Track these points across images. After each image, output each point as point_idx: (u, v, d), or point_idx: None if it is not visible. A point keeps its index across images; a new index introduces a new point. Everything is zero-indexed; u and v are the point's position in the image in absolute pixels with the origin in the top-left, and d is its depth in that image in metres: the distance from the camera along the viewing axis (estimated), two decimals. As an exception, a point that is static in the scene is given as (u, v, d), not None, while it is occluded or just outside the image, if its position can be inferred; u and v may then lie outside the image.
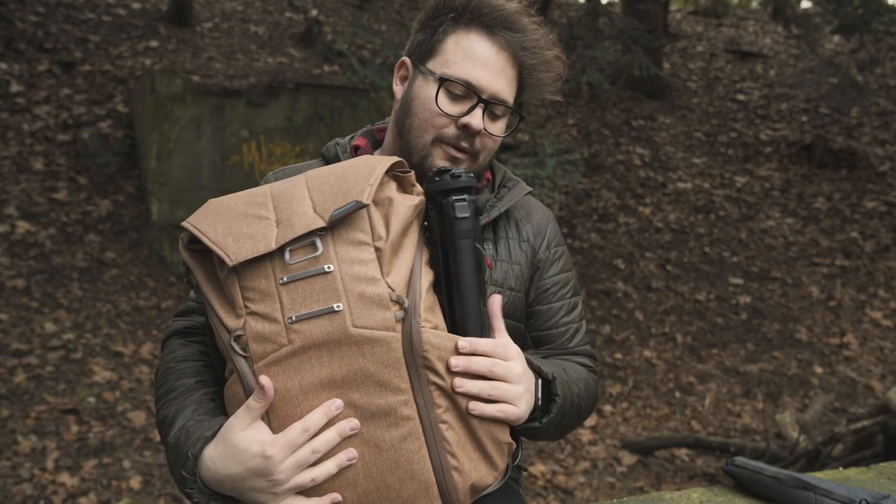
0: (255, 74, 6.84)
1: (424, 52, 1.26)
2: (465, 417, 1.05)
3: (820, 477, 1.37)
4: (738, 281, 6.52)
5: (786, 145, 8.69)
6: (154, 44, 7.32)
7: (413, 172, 1.12)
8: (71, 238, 5.34)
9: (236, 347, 1.02)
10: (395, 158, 1.10)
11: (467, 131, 1.23)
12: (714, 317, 6.08)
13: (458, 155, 1.24)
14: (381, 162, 1.08)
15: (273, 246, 1.01)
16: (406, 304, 1.02)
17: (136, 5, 8.00)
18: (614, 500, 1.33)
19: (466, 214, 1.09)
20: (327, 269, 1.01)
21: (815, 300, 6.36)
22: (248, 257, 1.01)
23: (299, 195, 1.05)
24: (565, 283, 1.39)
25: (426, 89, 1.24)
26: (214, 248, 1.02)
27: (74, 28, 7.23)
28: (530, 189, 1.39)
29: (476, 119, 1.22)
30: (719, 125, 9.09)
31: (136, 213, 5.73)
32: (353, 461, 1.01)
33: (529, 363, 1.17)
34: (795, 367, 5.55)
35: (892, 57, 10.35)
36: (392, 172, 1.10)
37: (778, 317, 6.12)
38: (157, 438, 3.96)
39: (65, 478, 3.61)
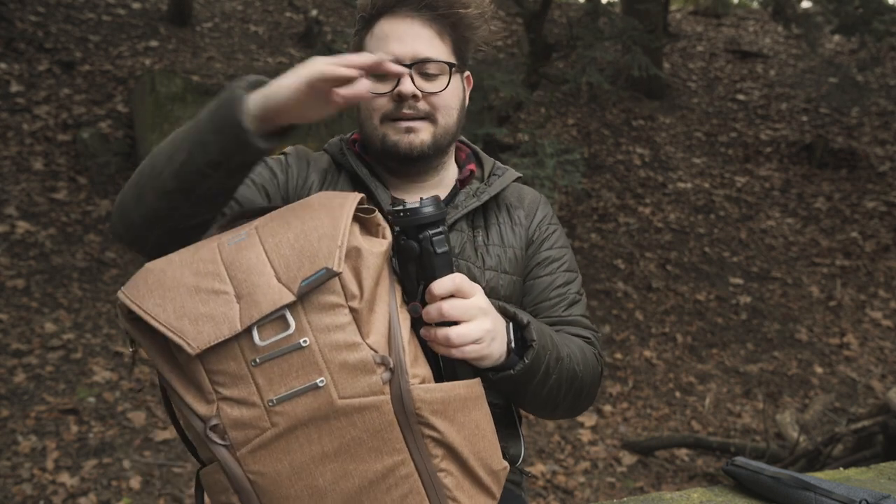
0: (255, 74, 6.83)
1: None
2: (460, 459, 1.02)
3: (820, 477, 1.37)
4: (738, 281, 6.52)
5: (786, 145, 8.69)
6: (154, 44, 7.32)
7: (377, 213, 1.06)
8: (71, 238, 5.34)
9: (214, 437, 0.95)
10: (356, 197, 1.05)
11: (402, 99, 1.25)
12: (714, 317, 6.08)
13: (410, 124, 1.26)
14: (343, 211, 1.00)
15: (239, 327, 0.93)
16: (391, 364, 0.97)
17: (136, 5, 8.00)
18: (614, 500, 1.33)
19: (445, 248, 1.05)
20: (303, 344, 0.94)
21: (815, 300, 6.36)
22: (212, 343, 0.92)
23: (257, 262, 0.96)
24: (557, 258, 1.38)
25: None
26: (170, 334, 0.93)
27: (74, 28, 7.23)
28: (520, 175, 1.41)
29: (405, 85, 1.24)
30: (719, 125, 9.09)
31: (136, 213, 5.73)
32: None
33: (503, 310, 1.15)
34: (795, 367, 5.55)
35: (892, 57, 10.35)
36: (354, 214, 1.02)
37: (778, 317, 6.12)
38: (158, 438, 3.96)
39: (65, 478, 3.61)
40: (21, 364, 4.29)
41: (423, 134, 1.27)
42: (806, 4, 9.02)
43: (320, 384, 0.94)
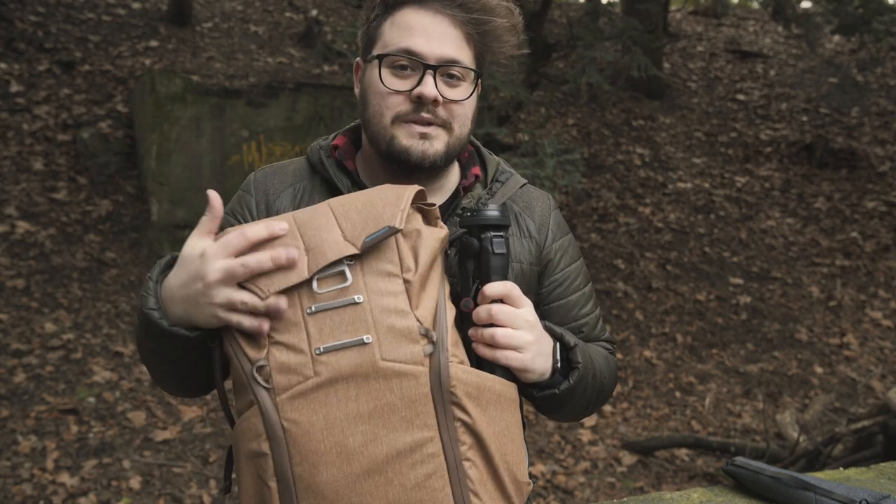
0: (255, 74, 6.84)
1: (367, 46, 1.24)
2: (487, 455, 1.03)
3: (820, 477, 1.37)
4: (738, 281, 6.52)
5: (786, 145, 8.69)
6: (154, 44, 7.32)
7: (437, 206, 1.10)
8: (71, 238, 5.34)
9: (259, 378, 0.98)
10: (418, 187, 1.08)
11: (422, 102, 1.16)
12: (714, 317, 6.08)
13: (426, 129, 1.18)
14: (407, 189, 1.06)
15: (306, 275, 0.98)
16: (434, 338, 1.00)
17: (136, 5, 8.00)
18: (614, 501, 1.33)
19: (504, 251, 1.09)
20: (357, 300, 0.99)
21: (815, 300, 6.36)
22: (281, 288, 0.98)
23: (326, 222, 1.02)
24: (577, 273, 1.36)
25: (373, 75, 1.20)
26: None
27: (74, 28, 7.23)
28: (525, 181, 1.35)
29: (428, 87, 1.15)
30: (719, 125, 9.09)
31: (136, 213, 5.73)
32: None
33: (550, 330, 1.16)
34: (795, 367, 5.55)
35: (892, 57, 10.35)
36: (416, 205, 1.08)
37: (778, 317, 6.12)
38: (157, 438, 3.97)
39: (65, 478, 3.61)
40: (21, 364, 4.29)
41: (438, 143, 1.19)
42: (806, 4, 9.02)
43: (367, 341, 0.98)
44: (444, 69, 1.17)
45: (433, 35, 1.16)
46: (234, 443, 1.05)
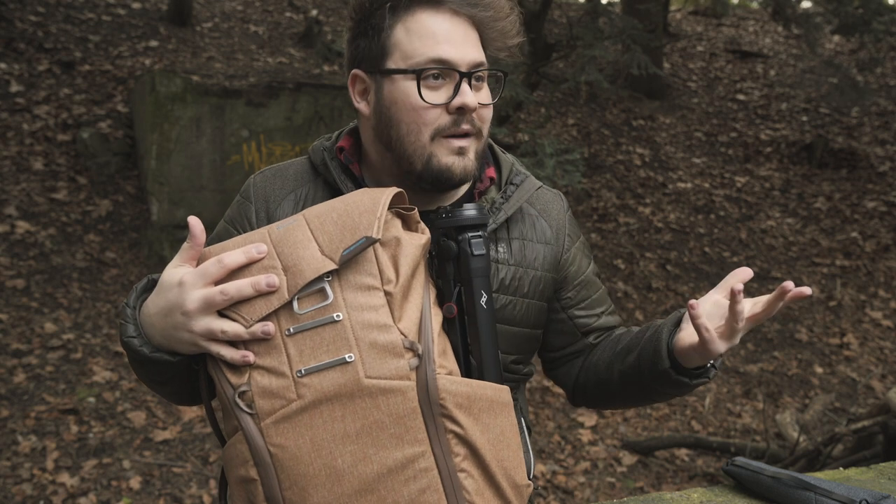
0: (255, 74, 6.84)
1: (376, 56, 1.13)
2: (483, 464, 1.01)
3: (820, 477, 1.36)
4: (738, 281, 6.53)
5: (786, 145, 8.69)
6: (154, 44, 7.32)
7: (416, 210, 1.06)
8: (71, 238, 5.34)
9: (241, 404, 0.97)
10: (396, 189, 1.05)
11: (462, 112, 1.11)
12: (714, 317, 6.08)
13: (463, 143, 1.13)
14: (383, 193, 1.02)
15: (287, 297, 0.96)
16: (420, 351, 0.98)
17: (136, 5, 8.00)
18: (614, 500, 1.33)
19: (482, 251, 1.07)
20: (336, 318, 0.96)
21: (815, 300, 6.36)
22: (265, 314, 0.97)
23: (302, 237, 1.00)
24: (594, 270, 1.37)
25: (400, 90, 1.11)
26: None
27: (74, 28, 7.23)
28: (540, 184, 1.30)
29: (469, 97, 1.10)
30: (719, 125, 9.09)
31: (136, 213, 5.73)
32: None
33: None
34: (795, 367, 5.55)
35: (892, 57, 10.36)
36: (395, 209, 1.05)
37: (778, 317, 6.12)
38: (157, 438, 3.97)
39: (65, 478, 3.61)
40: (21, 364, 4.29)
41: (471, 154, 1.14)
42: (806, 4, 9.02)
43: (349, 359, 0.96)
44: (473, 74, 1.12)
45: (457, 40, 1.11)
46: (224, 466, 1.04)
